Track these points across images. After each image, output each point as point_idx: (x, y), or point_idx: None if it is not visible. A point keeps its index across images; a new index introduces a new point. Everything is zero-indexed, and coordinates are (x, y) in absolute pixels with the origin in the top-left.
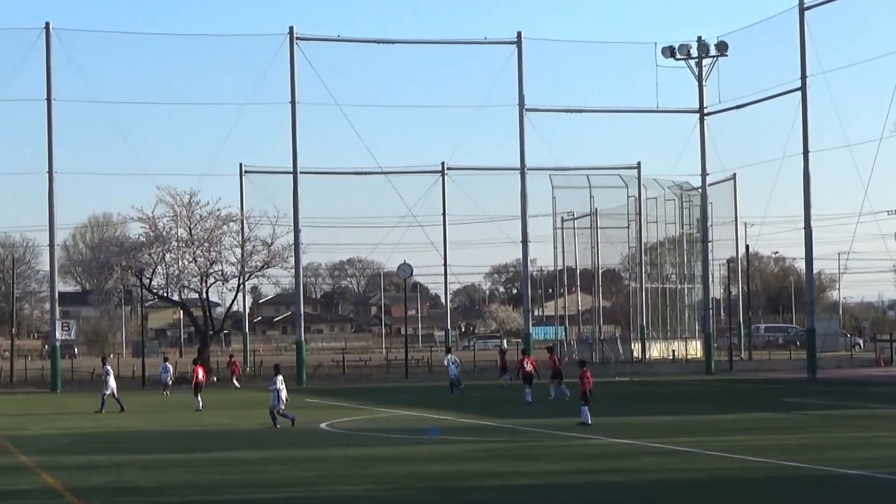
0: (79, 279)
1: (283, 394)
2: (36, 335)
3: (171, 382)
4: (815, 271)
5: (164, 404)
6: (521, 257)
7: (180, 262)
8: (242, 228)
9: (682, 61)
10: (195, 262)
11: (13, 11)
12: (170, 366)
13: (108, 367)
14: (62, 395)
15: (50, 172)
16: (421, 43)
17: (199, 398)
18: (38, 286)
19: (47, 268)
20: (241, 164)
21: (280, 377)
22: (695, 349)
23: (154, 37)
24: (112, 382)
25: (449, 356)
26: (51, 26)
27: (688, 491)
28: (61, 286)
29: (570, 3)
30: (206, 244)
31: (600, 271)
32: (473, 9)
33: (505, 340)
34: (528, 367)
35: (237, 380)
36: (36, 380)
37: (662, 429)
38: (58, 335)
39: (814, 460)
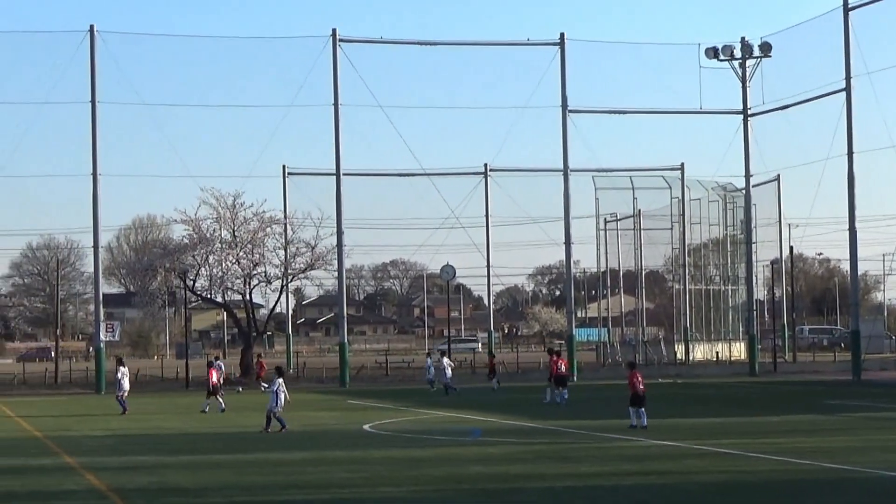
0: (123, 281)
1: (283, 396)
2: (80, 336)
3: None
4: (859, 273)
5: (209, 405)
6: (564, 259)
7: (224, 264)
8: (286, 230)
9: (726, 62)
10: (238, 263)
11: (58, 15)
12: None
13: (125, 369)
14: (106, 397)
15: (94, 174)
16: (463, 44)
17: (220, 399)
18: (83, 288)
19: (92, 269)
20: (284, 166)
21: (281, 380)
22: (738, 351)
23: (197, 39)
24: (126, 384)
25: (445, 360)
26: (95, 29)
27: (731, 493)
28: (105, 288)
29: (613, 5)
30: (250, 246)
31: (643, 273)
32: (516, 10)
33: (480, 343)
34: (562, 369)
35: (262, 381)
36: (80, 381)
37: (706, 431)
38: (102, 337)
39: (858, 463)
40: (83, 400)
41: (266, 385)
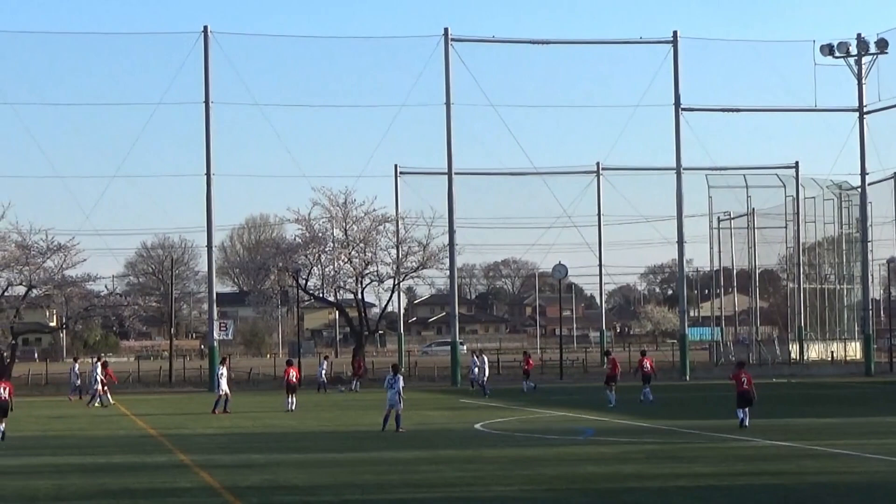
0: (236, 280)
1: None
2: (194, 335)
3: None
4: None
5: (319, 404)
6: (676, 257)
7: (336, 263)
8: (398, 229)
9: (842, 59)
10: (350, 262)
11: (172, 17)
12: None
13: (223, 370)
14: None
15: (208, 174)
16: (575, 43)
17: (293, 398)
18: (197, 287)
19: (205, 269)
20: (395, 165)
21: (400, 377)
22: (854, 351)
23: (310, 39)
24: (224, 384)
25: (475, 358)
26: (209, 30)
27: (846, 494)
28: (219, 287)
29: (726, 2)
30: (362, 245)
31: (757, 271)
32: (627, 8)
33: (465, 345)
34: (647, 368)
35: (358, 381)
36: (194, 379)
37: (821, 431)
38: (215, 335)
39: None
40: (196, 398)
41: (344, 387)
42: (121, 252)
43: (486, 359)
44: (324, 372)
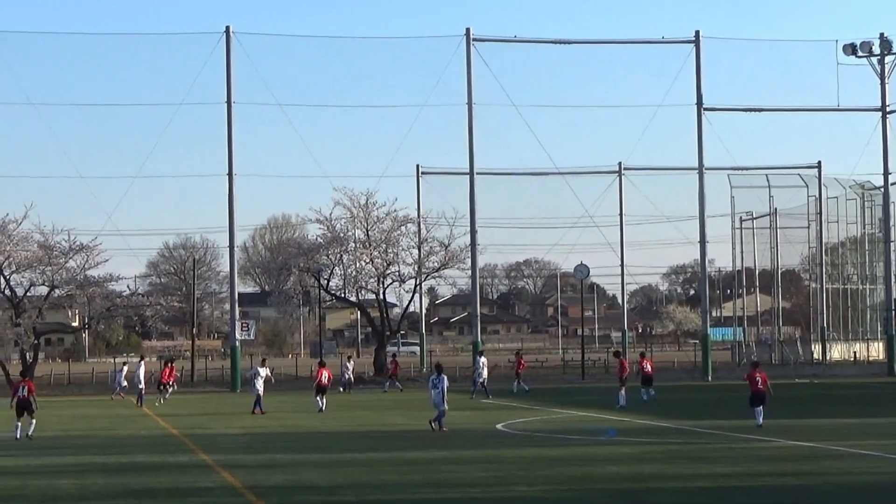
0: (258, 280)
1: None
2: (216, 335)
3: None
4: None
5: (341, 404)
6: (698, 258)
7: (357, 264)
8: (419, 229)
9: (864, 59)
10: (372, 263)
11: (194, 17)
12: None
13: (259, 369)
14: (242, 395)
15: (230, 174)
16: (597, 43)
17: (323, 400)
18: (219, 287)
19: (227, 269)
20: (417, 166)
21: (444, 376)
22: (877, 351)
23: (331, 40)
24: (260, 384)
25: (480, 359)
26: (231, 30)
27: (869, 495)
28: (241, 287)
29: (748, 2)
30: (384, 245)
31: (780, 272)
32: (649, 8)
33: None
34: (647, 369)
35: (396, 381)
36: (216, 379)
37: (843, 432)
38: (237, 336)
39: None
40: (219, 398)
41: (391, 385)
42: (143, 252)
43: (485, 360)
44: (349, 373)
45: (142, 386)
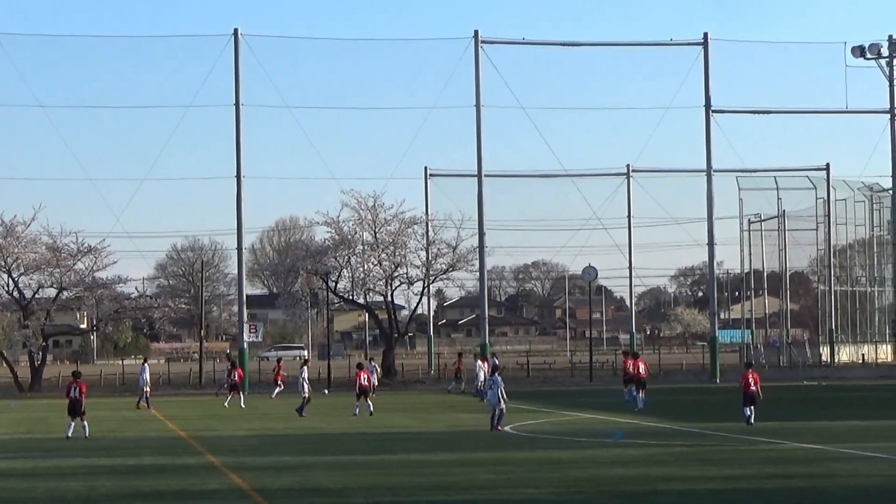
0: (266, 282)
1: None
2: (224, 337)
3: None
4: None
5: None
6: (706, 260)
7: (365, 266)
8: (427, 231)
9: (873, 61)
10: (380, 265)
11: (203, 19)
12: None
13: (305, 371)
14: (250, 397)
15: (238, 177)
16: (605, 45)
17: (368, 402)
18: (227, 289)
19: (235, 271)
20: (425, 168)
21: (499, 377)
22: (885, 353)
23: (340, 42)
24: (306, 387)
25: (478, 363)
26: (239, 32)
27: (877, 497)
28: (249, 289)
29: (757, 4)
30: (391, 247)
31: (788, 274)
32: (657, 10)
33: (306, 351)
34: (640, 371)
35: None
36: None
37: (851, 434)
38: (245, 338)
39: None
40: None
41: (454, 384)
42: (151, 254)
43: (482, 364)
44: (374, 374)
45: (147, 388)
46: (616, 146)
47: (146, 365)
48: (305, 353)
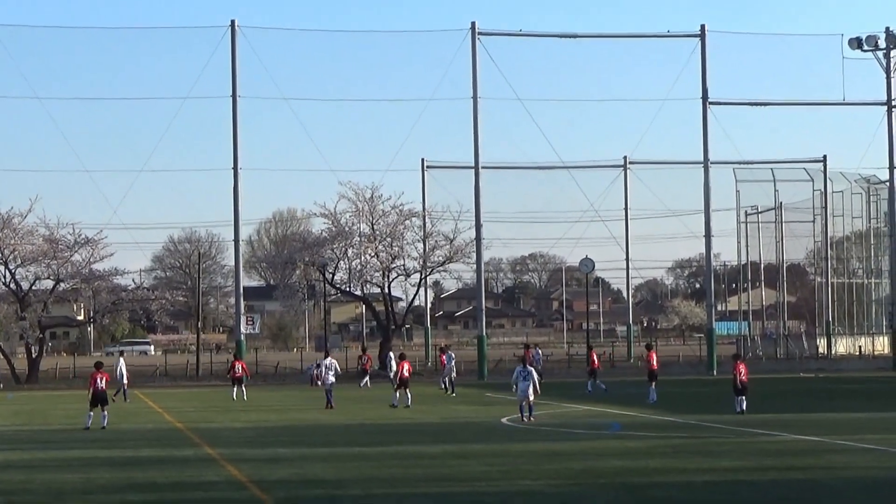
0: (263, 274)
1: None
2: (221, 329)
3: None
4: None
5: (351, 398)
6: (703, 252)
7: (362, 257)
8: (424, 223)
9: (870, 53)
10: (377, 257)
11: (199, 11)
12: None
13: (330, 361)
14: (247, 389)
15: (235, 168)
16: (602, 37)
17: (407, 393)
18: (224, 281)
19: (232, 263)
20: (423, 160)
21: (532, 368)
22: (882, 345)
23: (337, 34)
24: (331, 377)
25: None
26: (236, 24)
27: (874, 489)
28: (246, 281)
29: None
30: (389, 239)
31: (785, 266)
32: (654, 2)
33: (151, 347)
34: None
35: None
36: (221, 373)
37: (848, 426)
38: (242, 329)
39: None
40: (224, 392)
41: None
42: (148, 246)
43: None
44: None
45: (125, 381)
46: (613, 138)
47: (122, 359)
48: (151, 348)
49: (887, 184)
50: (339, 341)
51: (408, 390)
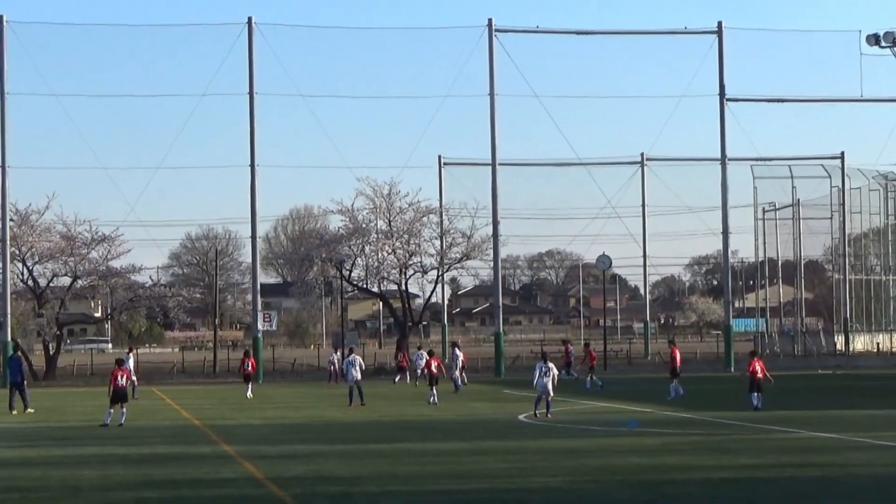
0: (280, 271)
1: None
2: (238, 326)
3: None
4: None
5: (378, 395)
6: (721, 248)
7: (379, 254)
8: (441, 220)
9: (888, 49)
10: (394, 253)
11: (216, 8)
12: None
13: (353, 357)
14: (264, 386)
15: (252, 165)
16: (619, 33)
17: (434, 391)
18: (241, 278)
19: (249, 260)
20: (439, 156)
21: (552, 364)
22: None
23: (354, 30)
24: (356, 374)
25: (456, 350)
26: (253, 21)
27: (892, 487)
28: (263, 278)
29: None
30: (406, 236)
31: (802, 262)
32: None
33: (111, 342)
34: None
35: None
36: (238, 370)
37: (866, 423)
38: (259, 326)
39: None
40: (241, 389)
41: (574, 373)
42: (165, 243)
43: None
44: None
45: (134, 378)
46: (630, 135)
47: (131, 355)
48: (109, 345)
49: None
50: (355, 338)
51: (434, 388)
